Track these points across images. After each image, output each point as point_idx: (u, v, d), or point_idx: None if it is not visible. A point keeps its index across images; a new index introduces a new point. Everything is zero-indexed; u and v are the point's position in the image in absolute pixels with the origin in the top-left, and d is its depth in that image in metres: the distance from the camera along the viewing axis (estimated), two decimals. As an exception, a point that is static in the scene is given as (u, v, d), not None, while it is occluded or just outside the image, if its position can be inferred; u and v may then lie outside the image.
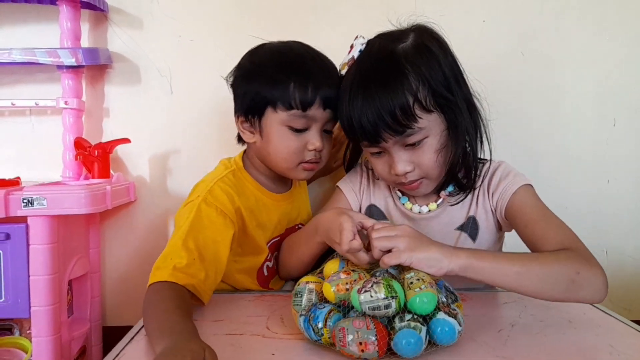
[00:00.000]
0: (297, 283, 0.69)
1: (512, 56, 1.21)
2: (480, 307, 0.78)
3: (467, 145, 0.81)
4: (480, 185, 0.86)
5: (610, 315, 0.75)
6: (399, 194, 0.90)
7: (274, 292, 0.91)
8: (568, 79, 1.23)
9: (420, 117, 0.74)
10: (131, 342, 0.68)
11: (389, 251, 0.65)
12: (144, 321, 0.69)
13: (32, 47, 1.10)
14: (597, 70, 1.22)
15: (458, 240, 0.86)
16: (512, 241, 0.87)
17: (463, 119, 0.78)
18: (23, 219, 0.92)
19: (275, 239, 0.93)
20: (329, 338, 0.60)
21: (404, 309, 0.59)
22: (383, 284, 0.58)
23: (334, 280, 0.63)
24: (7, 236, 0.92)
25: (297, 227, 0.98)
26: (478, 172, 0.85)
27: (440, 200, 0.87)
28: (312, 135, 0.84)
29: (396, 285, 0.59)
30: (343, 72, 0.82)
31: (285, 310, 0.77)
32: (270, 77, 0.82)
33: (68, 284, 1.04)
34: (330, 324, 0.60)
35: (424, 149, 0.77)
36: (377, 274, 0.65)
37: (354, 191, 0.93)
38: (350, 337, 0.56)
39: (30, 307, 0.93)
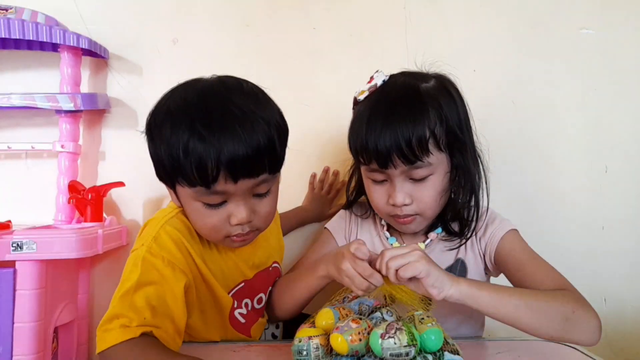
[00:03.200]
0: (297, 339, 0.65)
1: (503, 105, 1.24)
2: (473, 357, 0.76)
3: (469, 193, 0.84)
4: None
5: None
6: (387, 234, 0.91)
7: (258, 343, 0.87)
8: (559, 127, 1.25)
9: (431, 153, 0.78)
10: None
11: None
12: None
13: (31, 91, 1.11)
14: (587, 118, 1.24)
15: None
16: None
17: (468, 164, 0.83)
18: (11, 264, 0.91)
19: (240, 286, 0.85)
20: None
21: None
22: (405, 330, 0.59)
23: (346, 331, 0.61)
24: (-6, 281, 0.90)
25: (270, 268, 0.91)
26: (468, 230, 0.86)
27: (428, 241, 0.88)
28: (233, 208, 0.72)
29: (414, 330, 0.60)
30: (361, 97, 0.84)
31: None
32: (167, 146, 0.69)
33: (54, 330, 1.01)
34: None
35: (427, 185, 0.80)
36: (375, 320, 0.65)
37: (342, 233, 0.94)
38: None
39: (12, 356, 0.90)
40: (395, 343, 0.58)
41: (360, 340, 0.61)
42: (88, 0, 1.21)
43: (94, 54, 1.17)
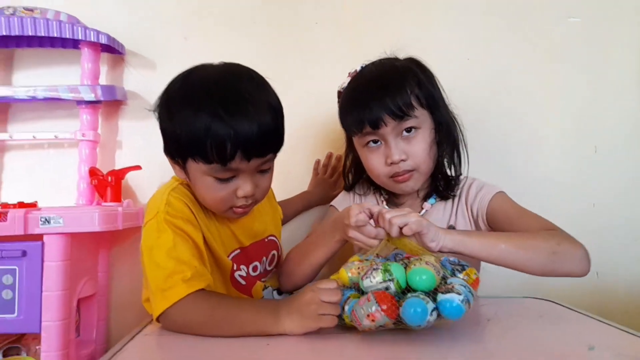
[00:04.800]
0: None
1: (496, 91, 1.31)
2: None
3: (452, 146, 0.95)
4: (459, 198, 0.97)
5: (580, 313, 0.83)
6: (386, 207, 0.98)
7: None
8: (550, 111, 1.31)
9: (415, 108, 0.90)
10: (133, 339, 0.73)
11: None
12: (212, 329, 0.72)
13: (55, 84, 1.20)
14: (577, 101, 1.31)
15: None
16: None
17: (447, 119, 0.94)
18: (39, 237, 0.98)
19: (236, 252, 0.91)
20: (350, 322, 0.69)
21: (407, 289, 0.67)
22: (381, 269, 0.67)
23: (348, 266, 0.73)
24: (24, 253, 0.97)
25: (266, 240, 0.98)
26: (457, 186, 0.97)
27: (423, 212, 0.96)
28: (241, 182, 0.79)
29: (395, 269, 0.67)
30: (344, 85, 0.98)
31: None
32: (186, 126, 0.75)
33: (77, 304, 1.08)
34: (348, 308, 0.69)
35: (417, 139, 0.90)
36: (389, 258, 0.75)
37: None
38: (359, 315, 0.65)
39: (41, 322, 0.97)
40: (371, 282, 0.67)
41: (358, 274, 0.70)
42: (105, 1, 1.31)
43: (112, 50, 1.26)
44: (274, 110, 0.80)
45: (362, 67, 0.97)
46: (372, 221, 0.78)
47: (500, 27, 1.32)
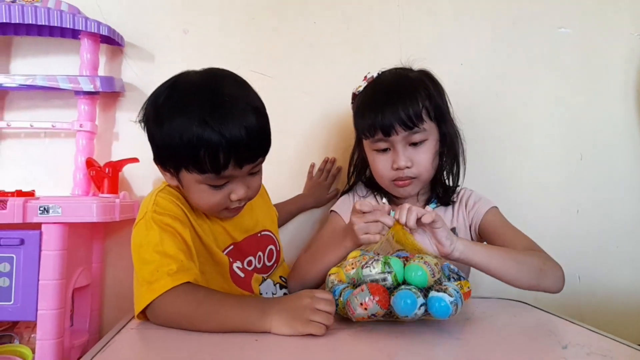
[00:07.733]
0: (328, 275, 0.84)
1: (487, 96, 1.35)
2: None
3: (453, 160, 1.02)
4: (459, 204, 1.04)
5: (551, 314, 0.88)
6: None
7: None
8: (538, 117, 1.36)
9: (425, 121, 0.97)
10: (119, 332, 0.75)
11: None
12: (198, 323, 0.72)
13: (53, 74, 1.21)
14: (564, 109, 1.36)
15: None
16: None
17: (451, 132, 1.01)
18: (37, 226, 0.99)
19: (230, 248, 0.93)
20: (343, 308, 0.73)
21: (403, 282, 0.71)
22: (381, 261, 0.71)
23: (344, 264, 0.78)
24: (22, 241, 0.98)
25: (259, 234, 1.00)
26: (455, 195, 1.05)
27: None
28: (234, 186, 0.82)
29: (395, 263, 0.71)
30: (360, 89, 1.03)
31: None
32: (179, 138, 0.76)
33: (72, 293, 1.09)
34: (344, 297, 0.73)
35: (424, 149, 0.97)
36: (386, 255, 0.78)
37: (348, 211, 1.04)
38: (354, 304, 0.69)
39: (37, 310, 0.98)
40: (370, 271, 0.71)
41: (353, 269, 0.75)
42: (105, -8, 1.31)
43: (111, 42, 1.26)
44: (262, 115, 0.83)
45: (378, 74, 1.03)
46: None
47: (492, 34, 1.36)
